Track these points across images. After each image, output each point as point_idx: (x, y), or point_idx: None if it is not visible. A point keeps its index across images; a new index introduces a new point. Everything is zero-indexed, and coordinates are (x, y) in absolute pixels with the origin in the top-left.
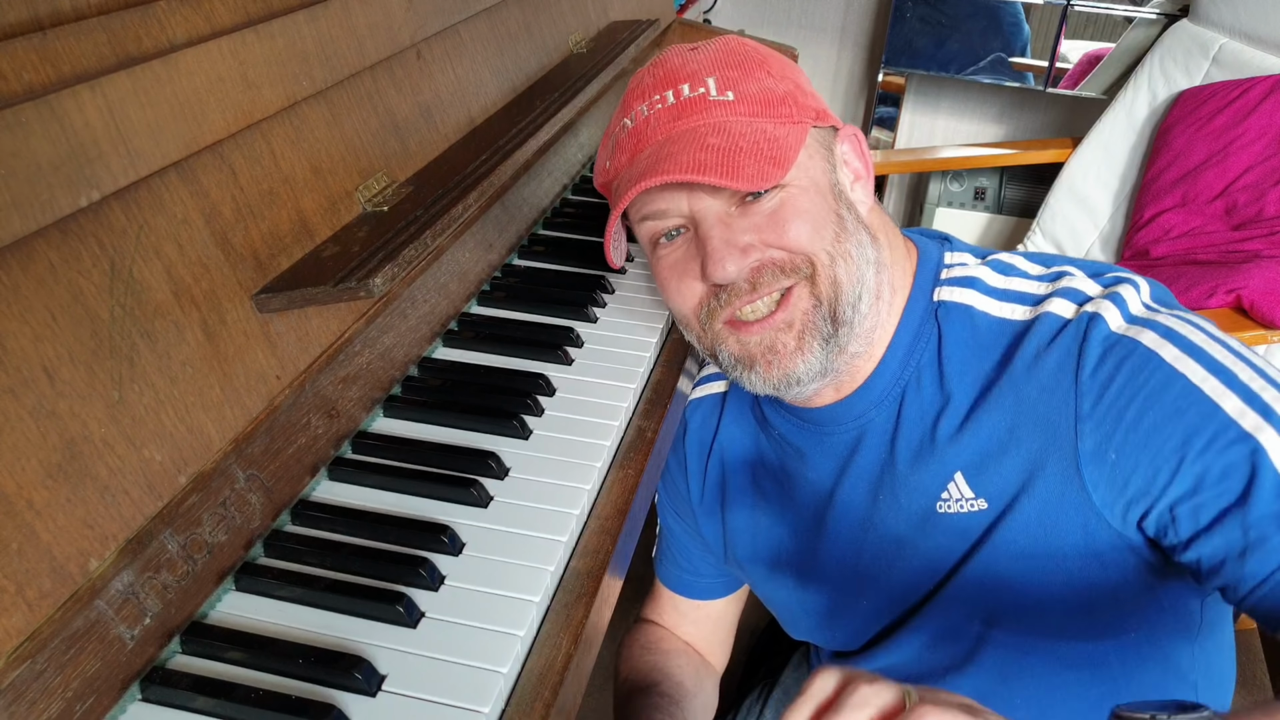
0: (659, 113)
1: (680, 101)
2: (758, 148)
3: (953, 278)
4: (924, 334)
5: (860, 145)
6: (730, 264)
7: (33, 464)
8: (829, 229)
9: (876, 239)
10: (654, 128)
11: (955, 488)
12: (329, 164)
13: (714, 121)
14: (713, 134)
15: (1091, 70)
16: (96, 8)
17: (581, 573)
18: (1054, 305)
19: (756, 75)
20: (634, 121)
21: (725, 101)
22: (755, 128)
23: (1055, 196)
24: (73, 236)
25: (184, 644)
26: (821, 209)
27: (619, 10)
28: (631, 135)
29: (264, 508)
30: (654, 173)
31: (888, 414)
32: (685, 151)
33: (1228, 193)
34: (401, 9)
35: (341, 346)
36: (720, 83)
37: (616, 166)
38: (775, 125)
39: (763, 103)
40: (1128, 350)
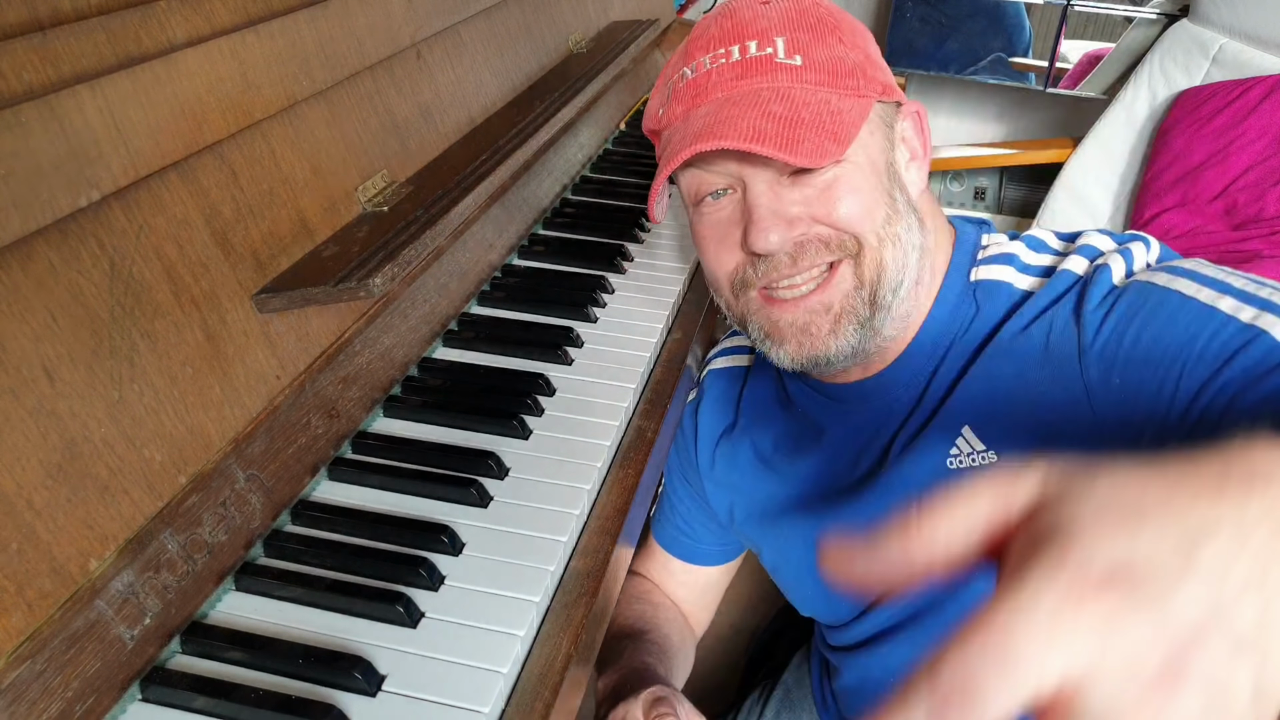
0: (722, 68)
1: (746, 59)
2: (820, 120)
3: (989, 256)
4: (960, 311)
5: (922, 123)
6: (774, 234)
7: (33, 464)
8: (880, 210)
9: (924, 223)
10: (715, 84)
11: (964, 442)
12: (329, 164)
13: (778, 86)
14: (775, 100)
15: (1091, 70)
16: (96, 8)
17: (581, 573)
18: (1069, 263)
19: (828, 41)
20: (694, 72)
21: (792, 66)
22: (819, 98)
23: (1055, 196)
24: (73, 236)
25: (184, 644)
26: (875, 189)
27: (619, 10)
28: (690, 87)
29: (264, 508)
30: (710, 135)
31: (914, 394)
32: (745, 116)
33: (1228, 193)
34: (401, 9)
35: (341, 346)
36: (790, 44)
37: (670, 117)
38: (840, 97)
39: (831, 71)
40: (1128, 288)
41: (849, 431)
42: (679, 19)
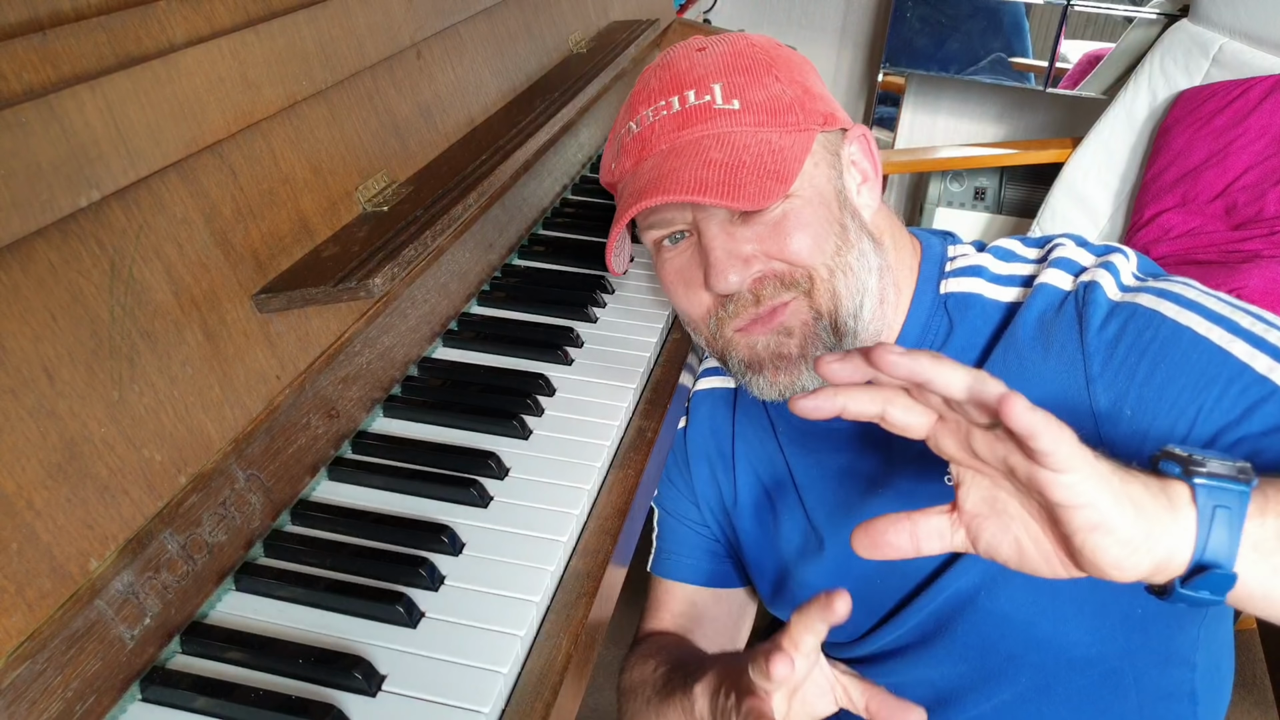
0: (663, 120)
1: (685, 109)
2: (761, 161)
3: (958, 269)
4: (933, 326)
5: (869, 145)
6: (733, 274)
7: (33, 464)
8: (830, 241)
9: (881, 243)
10: (658, 135)
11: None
12: (329, 164)
13: (718, 133)
14: (715, 147)
15: (1091, 70)
16: (96, 8)
17: (581, 573)
18: (1049, 276)
19: (764, 81)
20: (639, 126)
21: (730, 111)
22: (760, 138)
23: (1055, 196)
24: (73, 236)
25: (184, 644)
26: (824, 220)
27: (619, 10)
28: (636, 141)
29: (264, 508)
30: (655, 190)
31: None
32: (687, 167)
33: (1228, 193)
34: (401, 9)
35: (341, 346)
36: (726, 90)
37: (621, 170)
38: (781, 134)
39: (769, 110)
40: (1129, 312)
41: (834, 448)
42: (679, 19)
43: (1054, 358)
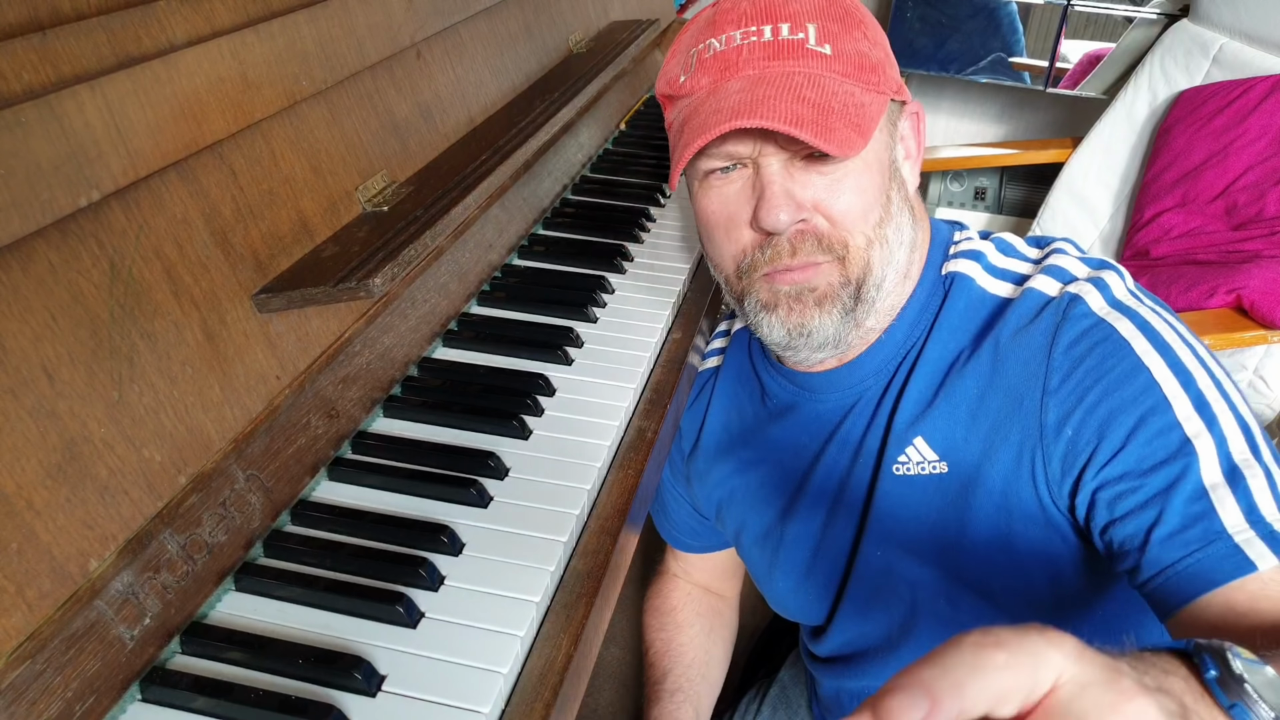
0: (753, 45)
1: (778, 41)
2: (847, 112)
3: (960, 250)
4: (930, 306)
5: (919, 124)
6: (784, 213)
7: (32, 464)
8: (875, 211)
9: (916, 218)
10: (746, 60)
11: (915, 450)
12: (329, 164)
13: (809, 72)
14: (807, 86)
15: (1091, 70)
16: (96, 8)
17: (581, 573)
18: (1038, 282)
19: (854, 34)
20: (723, 45)
21: (822, 54)
22: (845, 89)
23: (1055, 196)
24: (73, 236)
25: (184, 644)
26: (876, 188)
27: (619, 10)
28: (719, 59)
29: (264, 508)
30: (749, 113)
31: (882, 383)
32: (780, 98)
33: (1228, 193)
34: (401, 9)
35: (341, 347)
36: (820, 32)
37: (694, 86)
38: (863, 90)
39: (856, 65)
40: (1103, 335)
41: (819, 420)
42: (679, 19)
43: (1022, 363)
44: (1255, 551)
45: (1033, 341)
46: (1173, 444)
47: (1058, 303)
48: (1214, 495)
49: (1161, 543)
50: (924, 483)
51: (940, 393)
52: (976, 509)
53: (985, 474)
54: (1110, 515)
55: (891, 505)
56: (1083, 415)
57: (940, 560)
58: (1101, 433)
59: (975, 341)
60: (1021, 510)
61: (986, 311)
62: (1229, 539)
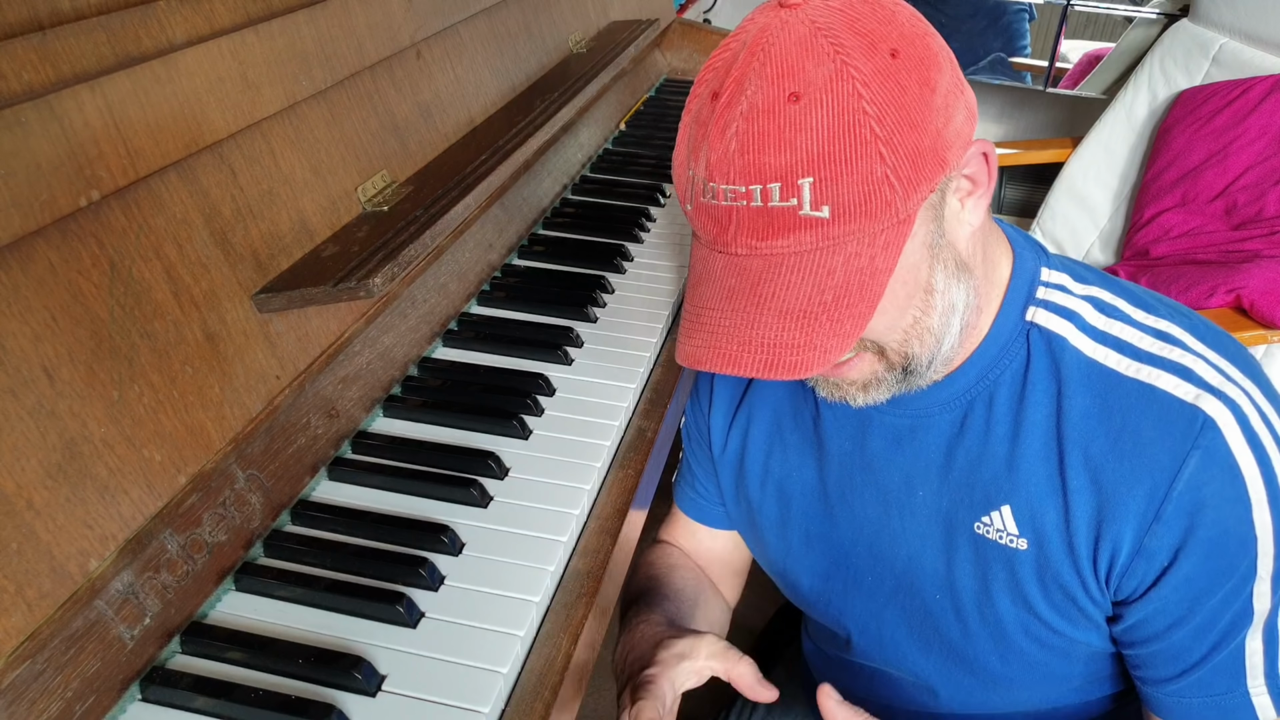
0: (742, 213)
1: (767, 209)
2: (844, 298)
3: (1050, 302)
4: (1011, 351)
5: (989, 160)
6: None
7: (33, 464)
8: (908, 315)
9: (972, 272)
10: (734, 234)
11: (999, 517)
12: (329, 164)
13: (800, 251)
14: (797, 280)
15: (1091, 70)
16: (96, 8)
17: (581, 573)
18: (1165, 381)
19: (862, 170)
20: (714, 200)
21: (817, 220)
22: (848, 254)
23: (1055, 196)
24: (73, 236)
25: (184, 644)
26: (906, 295)
27: (619, 10)
28: (711, 215)
29: (264, 508)
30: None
31: (952, 418)
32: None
33: (1228, 193)
34: (401, 9)
35: (341, 346)
36: (816, 191)
37: (695, 228)
38: (874, 237)
39: (864, 214)
40: (1234, 489)
41: (877, 430)
42: (679, 19)
43: (1137, 473)
44: (1260, 702)
45: (1156, 457)
46: (1238, 607)
47: (1192, 423)
48: (1250, 660)
49: (1189, 679)
50: (998, 552)
51: (1040, 467)
52: (1042, 594)
53: (1060, 564)
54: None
55: (962, 557)
56: (1175, 543)
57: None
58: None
59: (1085, 423)
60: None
61: (1096, 385)
62: (1245, 694)
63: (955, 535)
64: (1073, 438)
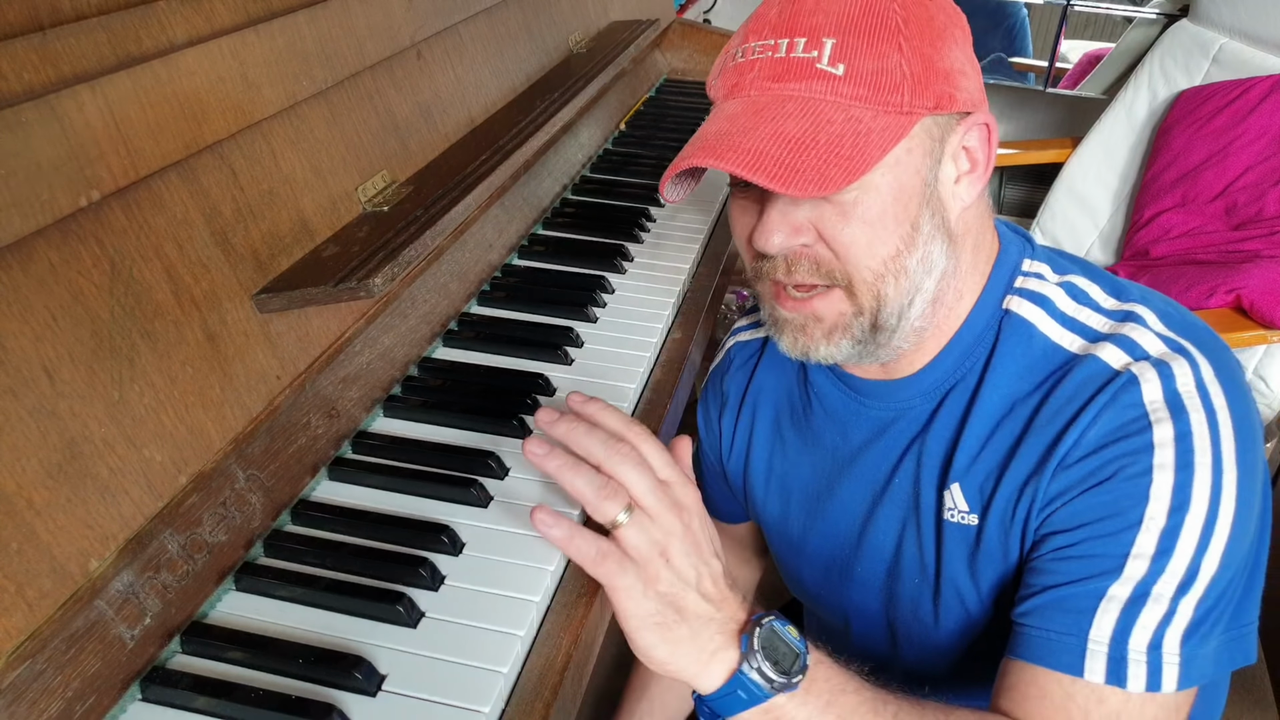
0: (764, 62)
1: (788, 59)
2: (836, 145)
3: (1026, 289)
4: (985, 339)
5: (989, 135)
6: (777, 237)
7: (33, 464)
8: (888, 244)
9: (959, 242)
10: (752, 79)
11: (951, 496)
12: (329, 164)
13: (808, 96)
14: (797, 115)
15: (1091, 70)
16: (96, 8)
17: (582, 572)
18: (1105, 351)
19: (882, 49)
20: (743, 56)
21: (831, 75)
22: (849, 115)
23: (1055, 196)
24: (73, 236)
25: (184, 644)
26: (892, 218)
27: (619, 10)
28: (735, 71)
29: (264, 507)
30: (715, 151)
31: (928, 407)
32: (756, 131)
33: (1227, 193)
34: (401, 9)
35: (341, 346)
36: (837, 49)
37: (716, 91)
38: (876, 114)
39: (873, 85)
40: (1137, 430)
41: (862, 423)
42: (679, 19)
43: (1058, 431)
44: (1092, 664)
45: (1074, 413)
46: (1113, 553)
47: (1115, 382)
48: (1104, 604)
49: (1036, 604)
50: (955, 531)
51: (986, 444)
52: (993, 569)
53: (999, 535)
54: (1032, 564)
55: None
56: (1073, 490)
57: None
58: (1073, 506)
59: (1029, 396)
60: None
61: (1047, 365)
62: (1083, 641)
63: (923, 519)
64: (1021, 414)
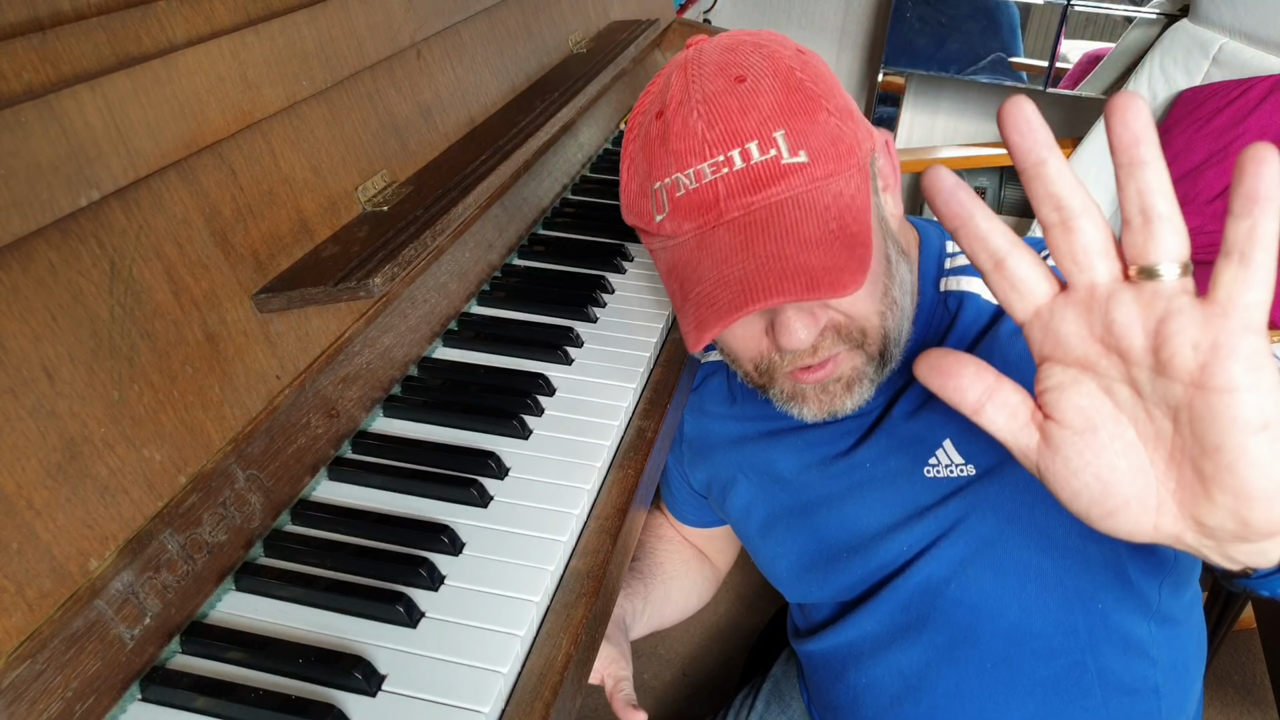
0: (728, 179)
1: (750, 167)
2: (845, 227)
3: (956, 266)
4: (934, 322)
5: (890, 150)
6: (803, 331)
7: (32, 464)
8: (880, 282)
9: (907, 252)
10: (725, 200)
11: (944, 453)
12: (329, 164)
13: (794, 194)
14: (802, 219)
15: (1091, 70)
16: (96, 8)
17: (581, 573)
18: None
19: (818, 117)
20: (694, 183)
21: (800, 165)
22: (832, 193)
23: None
24: (73, 236)
25: (184, 644)
26: (877, 262)
27: (619, 10)
28: (694, 201)
29: (264, 507)
30: (761, 291)
31: (893, 384)
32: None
33: (1228, 193)
34: (401, 9)
35: (341, 346)
36: (790, 139)
37: (676, 230)
38: (846, 180)
39: (833, 156)
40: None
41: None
42: (679, 19)
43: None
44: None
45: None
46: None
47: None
48: None
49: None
50: (951, 485)
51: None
52: (1000, 507)
53: (1007, 472)
54: None
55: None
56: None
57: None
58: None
59: (974, 345)
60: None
61: (986, 318)
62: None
63: (913, 489)
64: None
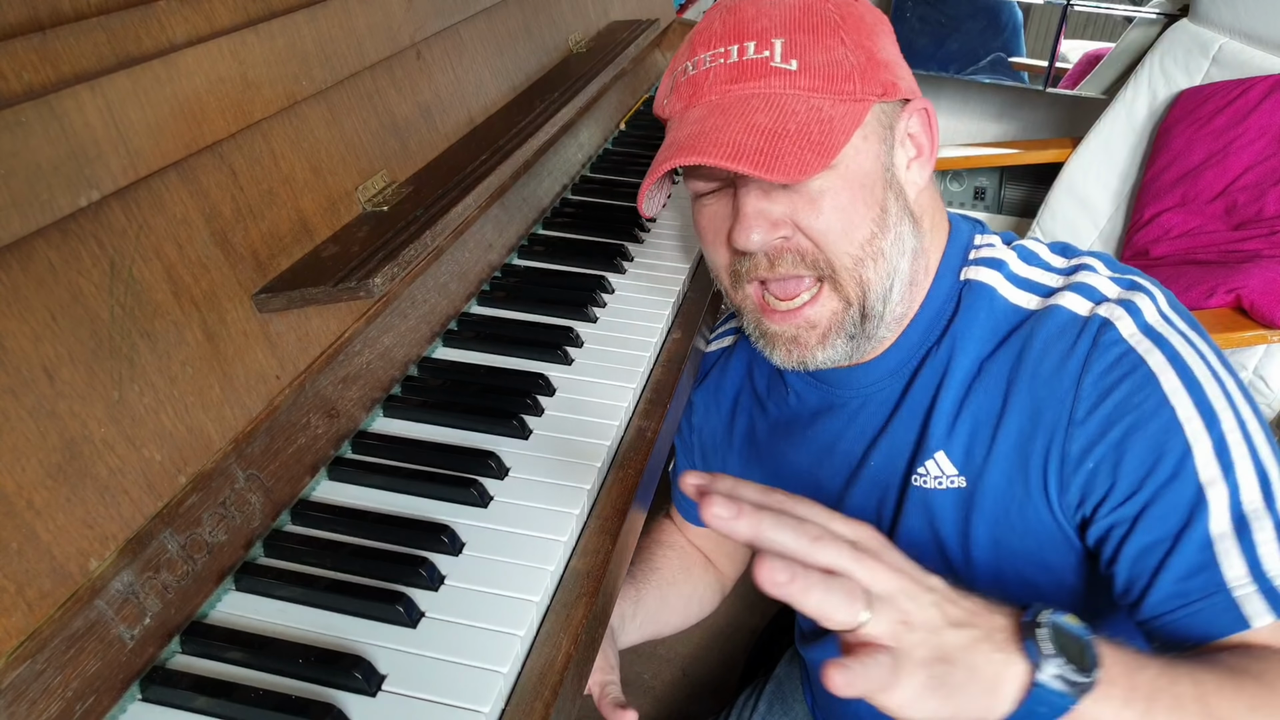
0: (718, 69)
1: (742, 61)
2: (805, 131)
3: (981, 257)
4: (945, 311)
5: (929, 119)
6: (756, 234)
7: (33, 464)
8: (863, 227)
9: (920, 223)
10: (710, 84)
11: (935, 465)
12: (329, 164)
13: (768, 93)
14: (763, 109)
15: (1091, 70)
16: (96, 8)
17: (581, 572)
18: (1066, 299)
19: (827, 43)
20: (694, 69)
21: (786, 71)
22: (811, 105)
23: (1055, 196)
24: (73, 236)
25: (184, 644)
26: (862, 203)
27: (619, 10)
28: (689, 83)
29: (264, 507)
30: (692, 149)
31: (898, 385)
32: (729, 128)
33: (1228, 192)
34: (401, 9)
35: (341, 346)
36: (787, 47)
37: (671, 109)
38: (834, 103)
39: (826, 76)
40: (1131, 367)
41: (834, 412)
42: (679, 19)
43: (1048, 386)
44: (1252, 609)
45: (1061, 365)
46: (1187, 492)
47: (1088, 326)
48: (1219, 547)
49: (1163, 589)
50: (941, 497)
51: (963, 407)
52: (993, 525)
53: (1005, 492)
54: (1118, 553)
55: (905, 516)
56: (1105, 450)
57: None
58: (1120, 471)
59: (997, 355)
60: (1039, 528)
61: (1009, 324)
62: (1228, 593)
63: (902, 494)
64: (994, 373)
